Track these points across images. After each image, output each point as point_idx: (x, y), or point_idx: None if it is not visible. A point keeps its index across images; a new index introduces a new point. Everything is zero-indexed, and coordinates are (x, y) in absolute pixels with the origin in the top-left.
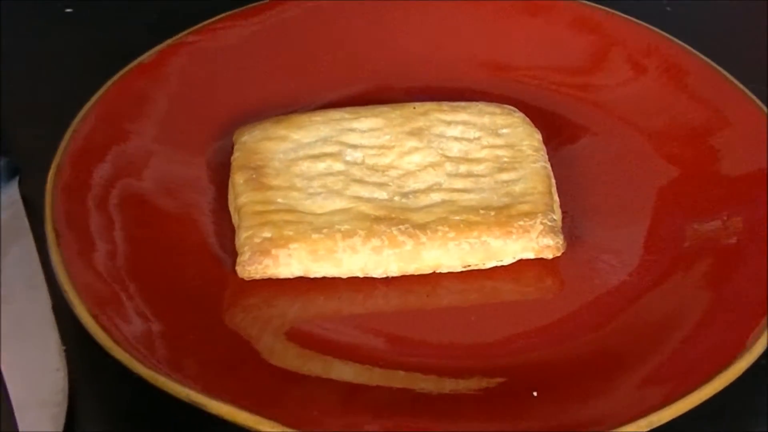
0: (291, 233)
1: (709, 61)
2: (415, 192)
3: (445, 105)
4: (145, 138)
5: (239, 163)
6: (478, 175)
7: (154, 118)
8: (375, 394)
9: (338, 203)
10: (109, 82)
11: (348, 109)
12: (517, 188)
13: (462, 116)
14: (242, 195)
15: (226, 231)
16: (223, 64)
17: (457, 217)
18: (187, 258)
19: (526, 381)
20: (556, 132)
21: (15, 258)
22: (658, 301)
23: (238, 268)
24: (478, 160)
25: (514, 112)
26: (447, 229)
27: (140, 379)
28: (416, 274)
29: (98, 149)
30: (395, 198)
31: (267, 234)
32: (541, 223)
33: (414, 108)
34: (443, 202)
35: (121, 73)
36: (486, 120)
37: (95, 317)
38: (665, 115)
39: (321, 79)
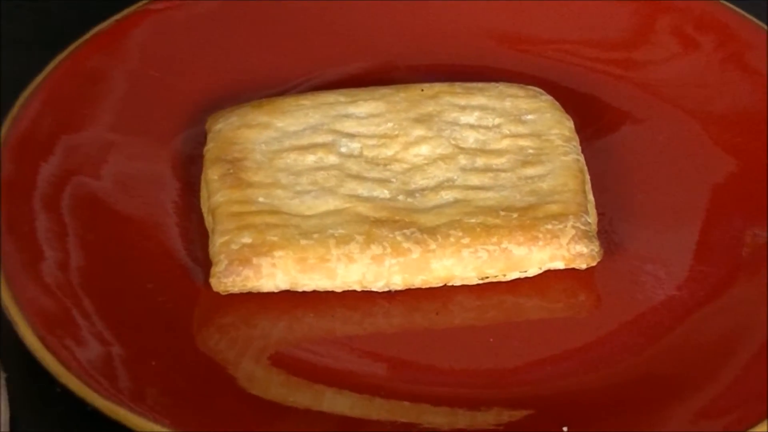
0: (275, 239)
1: None
2: (422, 190)
3: (458, 86)
4: (100, 126)
5: (213, 155)
6: (497, 170)
7: (112, 102)
8: (375, 429)
9: (331, 203)
10: (57, 59)
11: (343, 91)
12: (545, 185)
13: (479, 100)
14: (217, 193)
15: (198, 236)
16: (195, 36)
17: (473, 220)
18: (151, 269)
19: (555, 414)
20: (592, 118)
21: None
22: (712, 320)
23: (213, 281)
24: (497, 152)
25: (541, 94)
26: (461, 233)
27: (97, 413)
28: (424, 287)
29: (45, 140)
30: (399, 197)
31: (247, 239)
32: (573, 226)
33: (422, 90)
34: (456, 201)
35: (71, 47)
36: (507, 104)
37: (43, 339)
38: (722, 98)
39: (311, 55)
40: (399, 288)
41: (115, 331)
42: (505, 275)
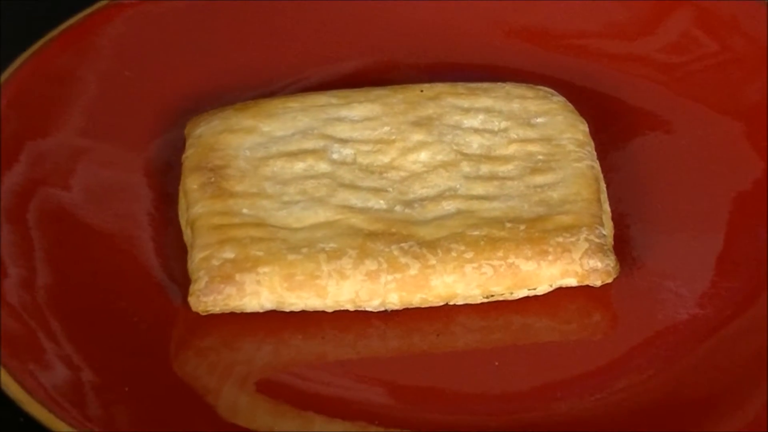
0: (260, 254)
1: None
2: (421, 200)
3: (461, 87)
4: (69, 132)
5: (193, 162)
6: (504, 178)
7: (81, 105)
8: None
9: (322, 215)
10: (21, 58)
11: (335, 92)
12: (556, 195)
13: (484, 101)
14: (196, 204)
15: (176, 252)
16: (172, 33)
17: (477, 233)
18: (124, 287)
19: None
20: (608, 121)
21: None
22: (738, 340)
23: (191, 300)
24: (504, 159)
25: (552, 95)
26: (463, 247)
27: None
28: (423, 306)
29: (8, 147)
30: (396, 208)
31: (229, 255)
32: (586, 239)
33: (421, 91)
34: (459, 212)
35: (36, 45)
36: (515, 106)
37: (5, 363)
38: (752, 98)
39: (300, 53)
40: (396, 307)
41: (84, 355)
42: (512, 293)
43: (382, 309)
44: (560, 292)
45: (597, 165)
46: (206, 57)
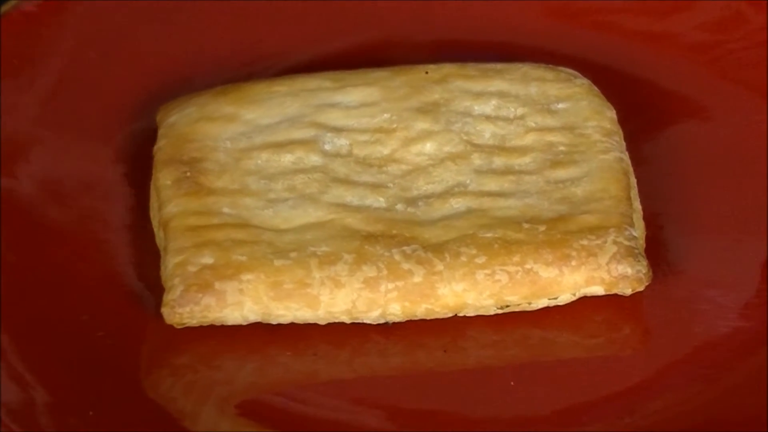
0: (243, 258)
1: None
2: (427, 197)
3: (471, 68)
4: (24, 119)
5: (166, 155)
6: (520, 172)
7: (39, 89)
8: None
9: (313, 214)
10: None
11: (328, 74)
12: (579, 191)
13: (497, 84)
14: (170, 203)
15: (147, 255)
16: (143, 8)
17: (490, 234)
18: (88, 296)
19: None
20: (639, 107)
21: None
22: None
23: (165, 311)
24: (520, 150)
25: (576, 77)
26: (474, 251)
27: None
28: (429, 318)
29: None
30: (397, 206)
31: (207, 260)
32: (615, 242)
33: (426, 72)
34: (469, 211)
35: None
36: (533, 90)
37: None
38: None
39: (287, 30)
40: (398, 319)
41: (39, 374)
42: (529, 303)
43: (382, 321)
44: (585, 301)
45: (626, 157)
46: (181, 35)
